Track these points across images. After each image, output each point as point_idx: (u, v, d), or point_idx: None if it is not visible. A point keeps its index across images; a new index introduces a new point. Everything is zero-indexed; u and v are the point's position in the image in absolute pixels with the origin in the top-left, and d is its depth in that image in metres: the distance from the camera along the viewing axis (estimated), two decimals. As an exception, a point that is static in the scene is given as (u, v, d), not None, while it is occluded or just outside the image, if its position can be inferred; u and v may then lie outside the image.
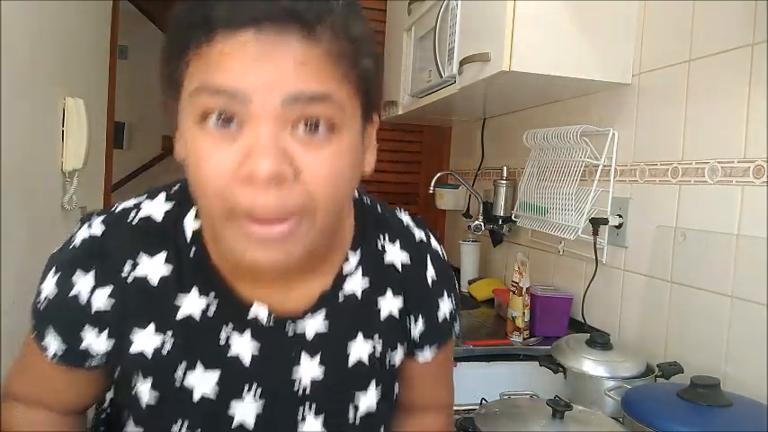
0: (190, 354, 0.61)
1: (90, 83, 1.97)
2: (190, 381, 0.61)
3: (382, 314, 0.69)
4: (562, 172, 1.57)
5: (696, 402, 0.90)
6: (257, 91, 0.48)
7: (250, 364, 0.62)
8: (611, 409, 1.05)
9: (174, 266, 0.62)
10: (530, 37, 1.35)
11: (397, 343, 0.71)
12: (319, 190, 0.51)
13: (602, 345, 1.15)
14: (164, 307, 0.61)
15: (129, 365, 0.62)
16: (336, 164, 0.52)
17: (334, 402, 0.65)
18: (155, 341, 0.61)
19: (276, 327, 0.63)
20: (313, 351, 0.64)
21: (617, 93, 1.46)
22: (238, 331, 0.62)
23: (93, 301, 0.60)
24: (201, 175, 0.51)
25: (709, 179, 1.17)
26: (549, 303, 1.51)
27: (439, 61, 1.73)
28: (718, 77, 1.17)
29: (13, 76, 1.33)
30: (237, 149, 0.50)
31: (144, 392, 0.62)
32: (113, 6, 2.21)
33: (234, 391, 0.62)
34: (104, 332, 0.61)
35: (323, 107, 0.51)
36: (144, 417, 0.63)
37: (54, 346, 0.62)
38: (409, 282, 0.71)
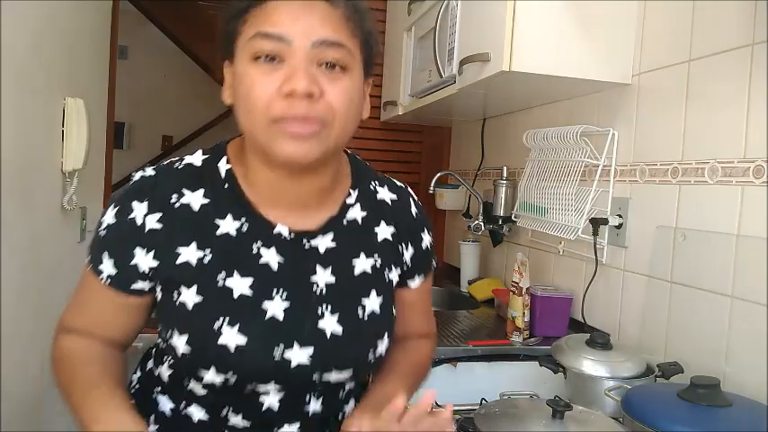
0: (228, 263, 0.76)
1: (90, 83, 1.97)
2: (229, 283, 0.76)
3: (379, 238, 0.86)
4: (562, 172, 1.57)
5: (696, 402, 0.90)
6: (296, 36, 0.70)
7: (277, 270, 0.78)
8: (611, 409, 1.05)
9: (212, 199, 0.78)
10: (530, 37, 1.35)
11: (392, 264, 0.87)
12: (336, 106, 0.72)
13: (602, 345, 1.15)
14: (204, 228, 0.77)
15: (175, 277, 0.76)
16: (347, 92, 0.73)
17: (346, 303, 0.80)
18: (197, 254, 0.76)
19: (295, 241, 0.79)
20: (325, 263, 0.80)
21: (617, 93, 1.46)
22: (266, 245, 0.78)
23: (147, 222, 0.76)
24: (253, 94, 0.70)
25: (709, 179, 1.17)
26: (549, 303, 1.51)
27: (439, 61, 1.73)
28: (718, 77, 1.17)
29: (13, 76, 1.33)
30: (279, 76, 0.70)
31: (189, 299, 0.75)
32: (113, 6, 2.21)
33: (265, 292, 0.77)
34: (151, 252, 0.76)
35: (338, 52, 0.71)
36: (189, 321, 0.75)
37: (108, 268, 0.77)
38: (398, 214, 0.89)
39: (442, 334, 1.48)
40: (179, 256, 0.76)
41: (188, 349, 0.75)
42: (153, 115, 5.14)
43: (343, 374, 0.80)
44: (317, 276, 0.80)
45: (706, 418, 0.87)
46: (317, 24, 0.70)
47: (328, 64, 0.72)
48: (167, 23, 4.62)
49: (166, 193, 0.77)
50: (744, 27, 1.10)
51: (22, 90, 1.40)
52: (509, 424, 0.92)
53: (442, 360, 1.34)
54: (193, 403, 0.82)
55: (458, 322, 1.64)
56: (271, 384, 0.78)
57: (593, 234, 1.46)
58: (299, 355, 0.76)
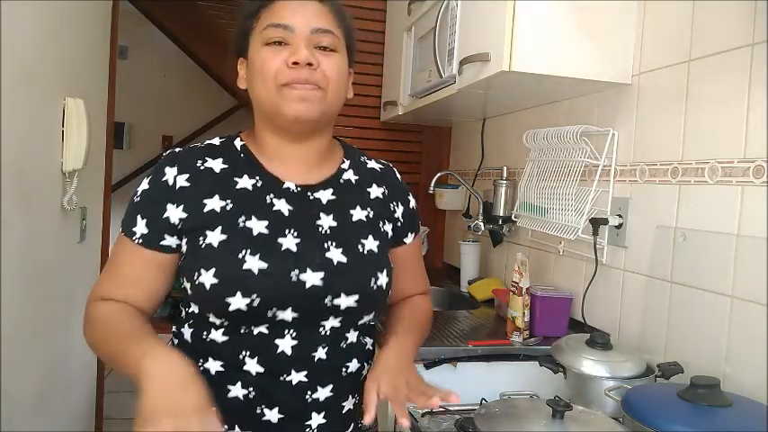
0: (246, 209, 0.92)
1: (90, 83, 1.97)
2: (248, 225, 0.91)
3: (371, 195, 1.03)
4: (562, 172, 1.57)
5: (696, 402, 0.90)
6: (297, 25, 0.91)
7: (288, 215, 0.94)
8: (611, 409, 1.05)
9: (229, 165, 0.95)
10: (530, 37, 1.35)
11: (385, 218, 1.03)
12: (329, 75, 0.92)
13: (602, 345, 1.15)
14: (225, 184, 0.93)
15: (202, 223, 0.90)
16: (337, 65, 0.93)
17: (347, 241, 0.95)
18: (221, 204, 0.92)
19: (301, 193, 0.96)
20: (327, 211, 0.97)
21: (617, 93, 1.46)
22: (277, 197, 0.95)
23: (177, 182, 0.92)
24: (266, 66, 0.90)
25: (709, 179, 1.17)
26: (548, 303, 1.51)
27: (439, 61, 1.73)
28: (718, 77, 1.17)
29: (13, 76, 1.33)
30: (286, 54, 0.90)
31: (215, 239, 0.89)
32: (113, 6, 2.21)
33: (279, 231, 0.92)
34: (181, 206, 0.91)
35: (329, 37, 0.93)
36: (216, 256, 0.88)
37: (140, 228, 0.91)
38: (386, 179, 1.07)
39: (442, 334, 1.48)
40: (205, 206, 0.91)
41: (216, 281, 0.87)
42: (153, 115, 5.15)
43: (350, 300, 0.92)
44: (321, 221, 0.95)
45: (706, 418, 0.87)
46: (312, 17, 0.92)
47: (321, 47, 0.92)
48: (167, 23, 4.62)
49: (192, 160, 0.94)
50: (744, 27, 1.10)
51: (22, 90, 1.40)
52: (509, 424, 0.92)
53: (442, 360, 1.35)
54: (209, 358, 0.92)
55: (458, 322, 1.64)
56: (288, 311, 0.89)
57: (593, 234, 1.46)
58: (312, 277, 0.90)
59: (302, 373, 0.93)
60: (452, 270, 2.39)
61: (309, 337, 0.92)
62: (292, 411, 0.93)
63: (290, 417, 0.93)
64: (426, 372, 1.33)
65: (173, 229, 0.91)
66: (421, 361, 1.34)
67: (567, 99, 1.68)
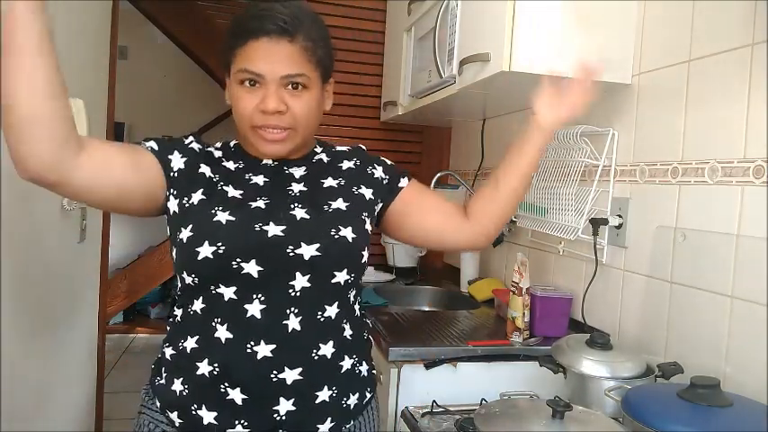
0: (226, 181, 1.02)
1: (90, 83, 1.97)
2: (225, 189, 1.00)
3: (343, 167, 1.10)
4: (562, 172, 1.57)
5: (696, 403, 0.90)
6: (267, 72, 0.96)
7: (262, 185, 1.02)
8: (612, 409, 1.05)
9: (223, 155, 1.07)
10: (530, 37, 1.35)
11: (360, 183, 1.08)
12: (298, 116, 0.98)
13: (602, 345, 1.15)
14: (216, 163, 1.04)
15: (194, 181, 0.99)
16: (307, 104, 0.99)
17: (314, 202, 1.01)
18: (210, 173, 1.02)
19: (277, 167, 1.05)
20: (299, 181, 1.05)
21: (617, 93, 1.46)
22: (255, 174, 1.04)
23: (191, 143, 1.04)
24: (240, 107, 0.98)
25: (709, 179, 1.17)
26: (548, 303, 1.51)
27: (439, 61, 1.73)
28: (718, 77, 1.17)
29: (13, 76, 1.33)
30: (258, 95, 0.97)
31: (196, 199, 0.98)
32: (113, 6, 2.21)
33: (251, 197, 1.00)
34: (185, 158, 1.01)
35: (299, 78, 0.97)
36: (194, 213, 0.96)
37: (152, 145, 1.00)
38: (355, 154, 1.13)
39: (442, 334, 1.48)
40: (200, 168, 1.01)
41: (191, 234, 0.94)
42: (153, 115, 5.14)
43: (311, 249, 0.95)
44: (291, 187, 1.03)
45: (706, 418, 0.87)
46: (281, 63, 0.96)
47: (293, 84, 0.97)
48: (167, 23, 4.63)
49: (203, 143, 1.07)
50: (744, 27, 1.10)
51: (22, 90, 1.40)
52: (509, 424, 0.92)
53: (442, 360, 1.35)
54: (188, 336, 0.96)
55: (458, 322, 1.64)
56: (253, 263, 0.93)
57: (593, 234, 1.46)
58: (274, 229, 0.95)
59: (269, 347, 0.92)
60: (452, 270, 2.39)
61: (279, 299, 0.94)
62: (257, 393, 0.93)
63: (255, 399, 0.93)
64: (426, 372, 1.33)
65: (169, 168, 0.99)
66: (421, 361, 1.34)
67: (567, 99, 1.68)
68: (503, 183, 1.11)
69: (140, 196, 0.97)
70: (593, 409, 1.02)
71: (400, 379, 1.33)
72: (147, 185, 0.97)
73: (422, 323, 1.60)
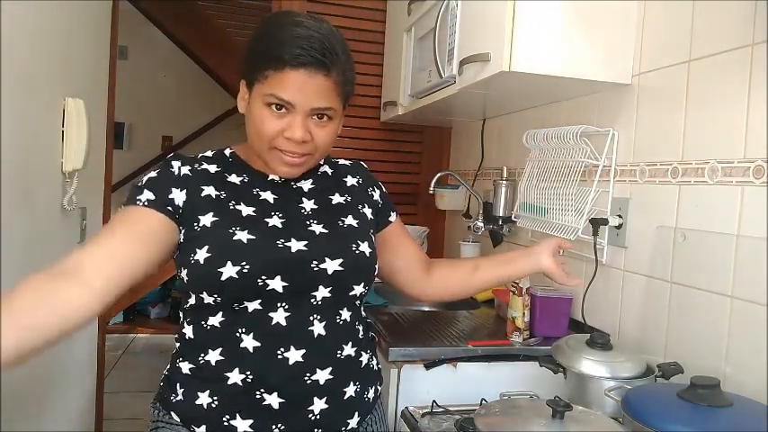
0: (236, 198, 1.01)
1: (90, 83, 1.97)
2: (238, 208, 0.99)
3: (348, 183, 1.14)
4: (562, 172, 1.57)
5: (696, 403, 0.90)
6: (298, 102, 0.95)
7: (273, 202, 1.03)
8: (612, 409, 1.05)
9: (222, 168, 1.04)
10: (530, 37, 1.35)
11: (363, 202, 1.12)
12: (320, 145, 1.00)
13: (602, 345, 1.15)
14: (218, 179, 1.02)
15: (199, 206, 0.98)
16: (330, 135, 1.01)
17: (328, 219, 1.04)
18: (215, 192, 1.00)
19: (284, 183, 1.06)
20: (308, 197, 1.07)
21: (617, 93, 1.46)
22: (263, 189, 1.04)
23: (181, 171, 1.00)
24: (263, 128, 0.97)
25: (709, 179, 1.17)
26: (548, 303, 1.51)
27: (439, 61, 1.73)
28: (718, 77, 1.17)
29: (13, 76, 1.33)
30: (284, 122, 0.96)
31: (208, 221, 0.97)
32: (113, 6, 2.21)
33: (265, 214, 1.00)
34: (184, 190, 0.98)
35: (327, 111, 0.98)
36: (208, 234, 0.95)
37: (147, 195, 0.96)
38: (357, 171, 1.17)
39: (442, 334, 1.48)
40: (203, 191, 0.99)
41: (209, 255, 0.93)
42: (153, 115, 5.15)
43: (335, 264, 0.98)
44: (303, 204, 1.05)
45: (706, 419, 0.87)
46: (314, 95, 0.95)
47: (319, 115, 0.98)
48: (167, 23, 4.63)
49: (192, 160, 1.03)
50: (744, 27, 1.10)
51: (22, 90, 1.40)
52: (509, 424, 0.92)
53: (442, 360, 1.35)
54: (209, 349, 0.95)
55: (458, 322, 1.64)
56: (278, 280, 0.94)
57: (593, 234, 1.46)
58: (296, 245, 0.97)
59: (300, 352, 0.95)
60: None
61: (302, 308, 0.96)
62: (293, 396, 0.95)
63: (291, 402, 0.95)
64: (426, 372, 1.33)
65: (175, 207, 0.97)
66: (421, 361, 1.34)
67: (567, 99, 1.68)
68: (479, 276, 1.23)
69: (165, 255, 0.98)
70: (594, 409, 1.02)
71: (400, 379, 1.33)
72: (165, 244, 0.97)
73: (422, 323, 1.60)
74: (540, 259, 1.22)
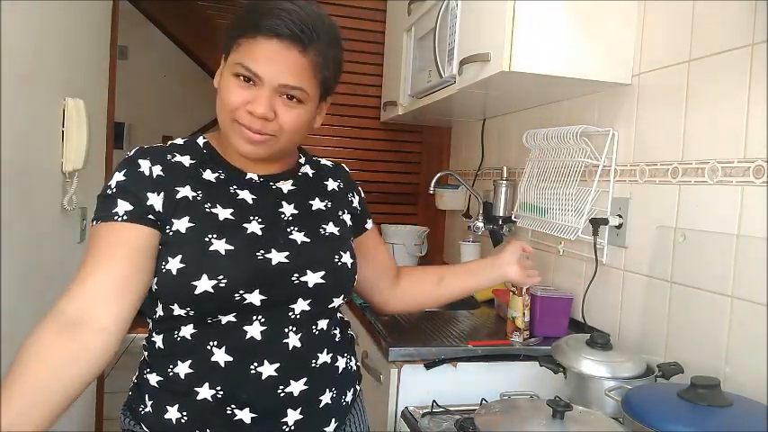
0: (212, 198, 0.93)
1: (90, 83, 1.97)
2: (214, 211, 0.92)
3: (328, 188, 1.08)
4: (562, 172, 1.57)
5: (696, 403, 0.90)
6: (267, 76, 0.89)
7: (252, 203, 0.96)
8: (612, 409, 1.05)
9: (196, 161, 0.97)
10: (530, 37, 1.35)
11: (344, 208, 1.08)
12: (285, 127, 0.92)
13: (602, 345, 1.15)
14: (193, 176, 0.95)
15: (174, 208, 0.90)
16: (298, 117, 0.93)
17: (309, 226, 0.99)
18: (192, 193, 0.93)
19: (263, 183, 0.99)
20: (288, 200, 1.00)
21: (617, 93, 1.46)
22: (240, 188, 0.97)
23: (153, 171, 0.92)
24: (228, 99, 0.91)
25: (709, 179, 1.17)
26: (549, 303, 1.51)
27: (439, 61, 1.73)
28: (718, 77, 1.17)
29: (13, 76, 1.33)
30: (249, 94, 0.90)
31: (182, 226, 0.90)
32: (113, 6, 2.21)
33: (244, 217, 0.94)
34: (161, 194, 0.90)
35: (297, 92, 0.91)
36: (183, 242, 0.88)
37: (124, 207, 0.88)
38: (338, 174, 1.12)
39: (442, 334, 1.48)
40: (178, 192, 0.92)
41: (182, 265, 0.87)
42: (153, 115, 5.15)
43: (317, 276, 0.93)
44: (283, 209, 0.99)
45: (706, 419, 0.87)
46: (285, 70, 0.89)
47: (288, 95, 0.91)
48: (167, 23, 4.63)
49: (163, 154, 0.95)
50: (744, 27, 1.10)
51: (22, 90, 1.40)
52: (509, 424, 0.92)
53: (442, 360, 1.34)
54: (178, 361, 0.90)
55: (458, 322, 1.64)
56: (256, 294, 0.89)
57: (593, 234, 1.46)
58: (277, 256, 0.92)
59: (273, 366, 0.90)
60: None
61: (279, 321, 0.92)
62: (266, 410, 0.90)
63: (264, 415, 0.90)
64: (426, 372, 1.33)
65: (156, 213, 0.90)
66: (421, 361, 1.34)
67: (567, 99, 1.68)
68: (443, 288, 1.25)
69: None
70: (594, 409, 1.02)
71: (400, 379, 1.33)
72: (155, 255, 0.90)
73: (422, 323, 1.60)
74: (506, 271, 1.27)
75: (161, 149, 0.95)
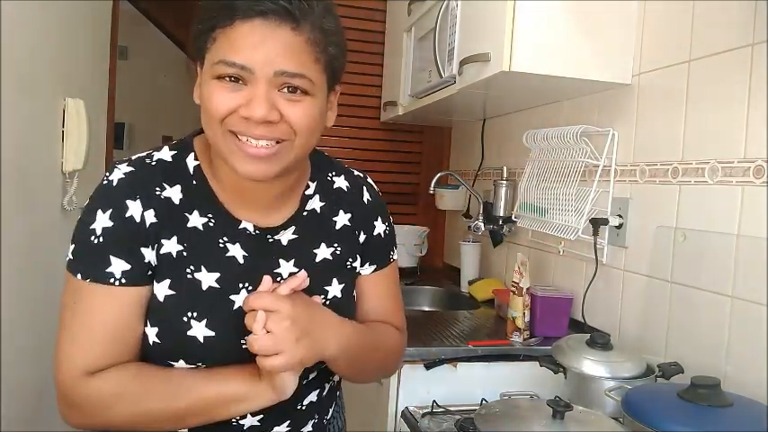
0: (196, 258, 0.79)
1: (90, 83, 1.97)
2: (197, 276, 0.79)
3: (337, 226, 0.90)
4: (562, 172, 1.57)
5: (696, 403, 0.90)
6: (257, 65, 0.70)
7: (243, 263, 0.81)
8: (612, 409, 1.05)
9: (185, 195, 0.80)
10: (530, 37, 1.35)
11: (353, 251, 0.91)
12: (296, 127, 0.74)
13: (602, 345, 1.15)
14: (180, 223, 0.79)
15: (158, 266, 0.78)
16: (309, 113, 0.75)
17: (308, 293, 0.82)
18: (177, 247, 0.79)
19: (259, 236, 0.83)
20: (288, 256, 0.85)
21: (617, 93, 1.46)
22: (231, 241, 0.81)
23: (145, 218, 0.77)
24: (214, 107, 0.72)
25: (709, 179, 1.17)
26: (549, 303, 1.51)
27: (439, 61, 1.73)
28: (718, 77, 1.17)
29: (13, 76, 1.33)
30: (241, 96, 0.72)
31: (161, 291, 0.78)
32: (113, 7, 2.21)
33: (232, 285, 0.80)
34: (154, 247, 0.78)
35: (299, 80, 0.73)
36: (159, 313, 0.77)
37: (120, 266, 0.75)
38: (353, 201, 0.92)
39: (443, 334, 1.48)
40: (163, 246, 0.78)
41: (158, 341, 0.78)
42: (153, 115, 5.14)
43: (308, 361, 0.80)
44: (280, 269, 0.84)
45: (706, 419, 0.87)
46: (279, 54, 0.71)
47: (290, 87, 0.73)
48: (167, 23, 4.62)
49: (151, 188, 0.79)
50: (744, 27, 1.10)
51: (22, 90, 1.40)
52: (509, 424, 0.92)
53: (442, 360, 1.34)
54: None
55: (458, 322, 1.64)
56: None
57: (593, 234, 1.46)
58: None
59: (256, 418, 0.83)
60: (452, 270, 2.39)
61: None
62: None
63: None
64: (426, 372, 1.33)
65: (152, 267, 0.79)
66: (421, 361, 1.34)
67: (567, 99, 1.68)
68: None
69: None
70: (594, 409, 1.02)
71: (400, 379, 1.33)
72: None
73: (422, 323, 1.60)
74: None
75: (148, 176, 0.79)
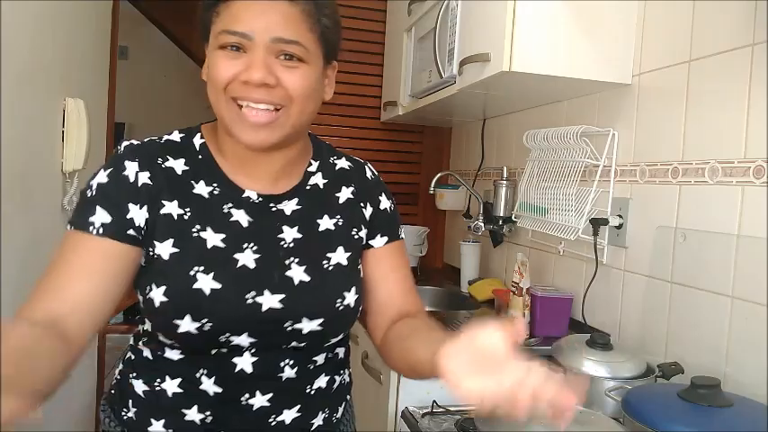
0: (201, 219, 0.82)
1: (90, 83, 1.97)
2: (203, 235, 0.82)
3: (340, 200, 0.93)
4: (562, 172, 1.57)
5: (696, 403, 0.90)
6: (256, 32, 0.77)
7: (247, 226, 0.84)
8: (612, 409, 1.05)
9: (190, 167, 0.85)
10: (530, 37, 1.35)
11: (357, 223, 0.92)
12: (293, 93, 0.79)
13: (602, 345, 1.15)
14: (184, 189, 0.84)
15: (156, 227, 0.81)
16: (304, 79, 0.80)
17: (312, 256, 0.86)
18: (179, 211, 0.82)
19: (263, 203, 0.86)
20: (291, 223, 0.87)
21: (617, 93, 1.46)
22: (236, 207, 0.85)
23: (139, 178, 0.81)
24: (217, 74, 0.80)
25: (709, 179, 1.17)
26: (549, 304, 1.51)
27: (439, 61, 1.73)
28: (718, 77, 1.17)
29: (13, 77, 1.33)
30: (241, 62, 0.78)
31: (165, 251, 0.80)
32: (113, 7, 2.21)
33: (236, 245, 0.83)
34: (144, 207, 0.81)
35: (295, 47, 0.79)
36: (166, 271, 0.80)
37: (102, 217, 0.79)
38: (355, 177, 0.96)
39: (442, 334, 1.48)
40: (163, 207, 0.82)
41: (165, 299, 0.78)
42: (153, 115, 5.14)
43: (313, 324, 0.83)
44: (283, 234, 0.86)
45: (706, 419, 0.87)
46: (276, 23, 0.78)
47: (286, 55, 0.79)
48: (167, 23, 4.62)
49: (154, 157, 0.84)
50: (744, 27, 1.10)
51: (22, 90, 1.40)
52: (509, 424, 0.92)
53: (442, 360, 1.34)
54: (167, 377, 0.84)
55: (458, 323, 1.64)
56: (244, 336, 0.81)
57: (593, 234, 1.46)
58: (270, 300, 0.81)
59: (266, 397, 0.84)
60: (453, 270, 2.39)
61: (272, 355, 0.84)
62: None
63: None
64: (426, 372, 1.33)
65: (137, 229, 0.80)
66: (421, 361, 1.33)
67: (567, 99, 1.68)
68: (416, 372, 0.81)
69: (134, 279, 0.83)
70: (594, 410, 1.02)
71: (400, 379, 1.33)
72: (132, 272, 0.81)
73: (422, 323, 1.60)
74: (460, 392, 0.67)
75: (154, 149, 0.85)
